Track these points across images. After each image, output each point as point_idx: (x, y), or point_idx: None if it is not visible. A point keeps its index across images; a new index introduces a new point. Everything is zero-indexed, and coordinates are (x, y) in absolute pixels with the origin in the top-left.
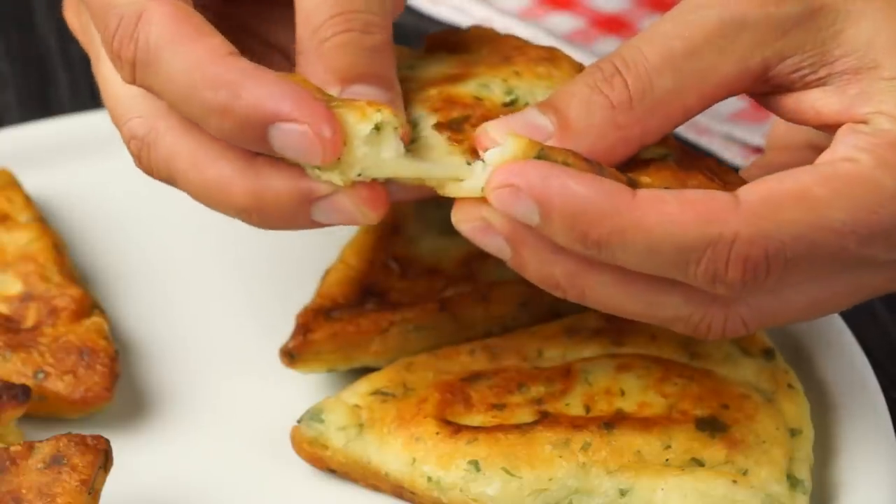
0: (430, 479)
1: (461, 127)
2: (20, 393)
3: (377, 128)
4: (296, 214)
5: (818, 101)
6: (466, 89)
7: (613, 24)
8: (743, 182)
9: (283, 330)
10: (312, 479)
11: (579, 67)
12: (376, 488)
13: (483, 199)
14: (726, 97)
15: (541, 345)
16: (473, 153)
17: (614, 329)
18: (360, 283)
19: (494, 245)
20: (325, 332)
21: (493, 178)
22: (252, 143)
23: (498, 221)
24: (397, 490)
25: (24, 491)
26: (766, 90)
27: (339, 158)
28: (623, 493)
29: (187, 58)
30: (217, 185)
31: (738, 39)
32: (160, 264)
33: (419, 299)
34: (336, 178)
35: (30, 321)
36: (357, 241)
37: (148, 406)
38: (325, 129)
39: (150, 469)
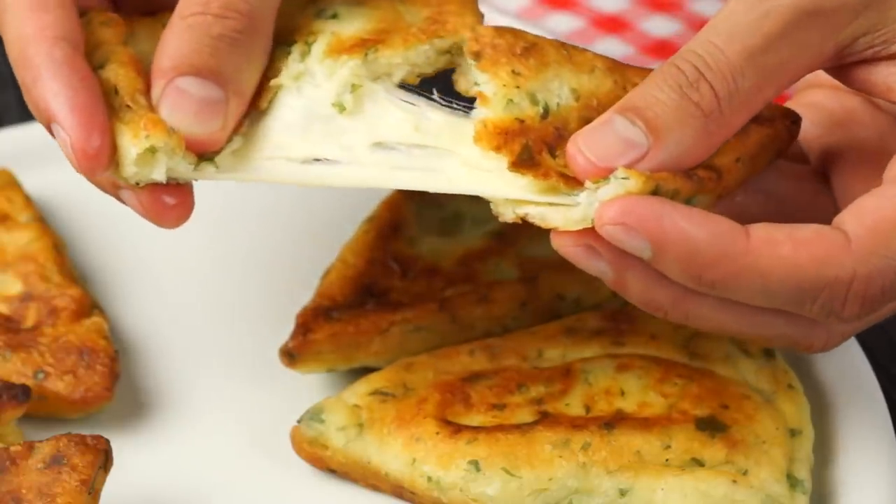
0: (430, 479)
1: (533, 160)
2: (20, 393)
3: (151, 150)
4: (112, 192)
5: (890, 77)
6: (502, 112)
7: (613, 24)
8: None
9: (283, 330)
10: (312, 479)
11: (557, 43)
12: (376, 488)
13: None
14: (797, 80)
15: (541, 345)
16: (565, 180)
17: (614, 329)
18: (360, 283)
19: (596, 268)
20: (325, 332)
21: (603, 214)
22: (47, 127)
23: (604, 248)
24: (397, 490)
25: (24, 491)
26: (836, 65)
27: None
28: (623, 493)
29: (18, 29)
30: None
31: (813, 29)
32: (160, 264)
33: (419, 299)
34: (119, 176)
35: (30, 321)
36: (357, 240)
37: (148, 406)
38: (90, 145)
39: (150, 469)
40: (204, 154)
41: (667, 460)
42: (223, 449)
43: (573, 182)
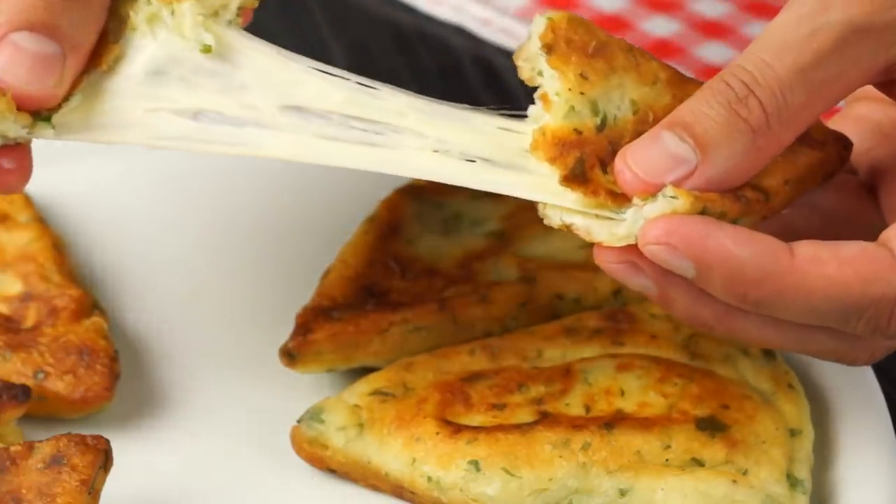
0: (430, 479)
1: (586, 176)
2: (20, 393)
3: None
4: None
5: None
6: (562, 120)
7: (614, 24)
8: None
9: (283, 330)
10: (312, 479)
11: (626, 46)
12: (376, 488)
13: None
14: (846, 96)
15: (541, 345)
16: (613, 198)
17: (614, 329)
18: (359, 283)
19: (640, 284)
20: (325, 332)
21: (647, 233)
22: None
23: (647, 266)
24: (397, 490)
25: (24, 491)
26: (884, 80)
27: None
28: (623, 493)
29: None
30: None
31: (864, 45)
32: (160, 264)
33: (419, 299)
34: None
35: (30, 321)
36: (357, 241)
37: (148, 406)
38: None
39: (150, 469)
40: (39, 113)
41: (667, 460)
42: (223, 449)
43: (621, 199)
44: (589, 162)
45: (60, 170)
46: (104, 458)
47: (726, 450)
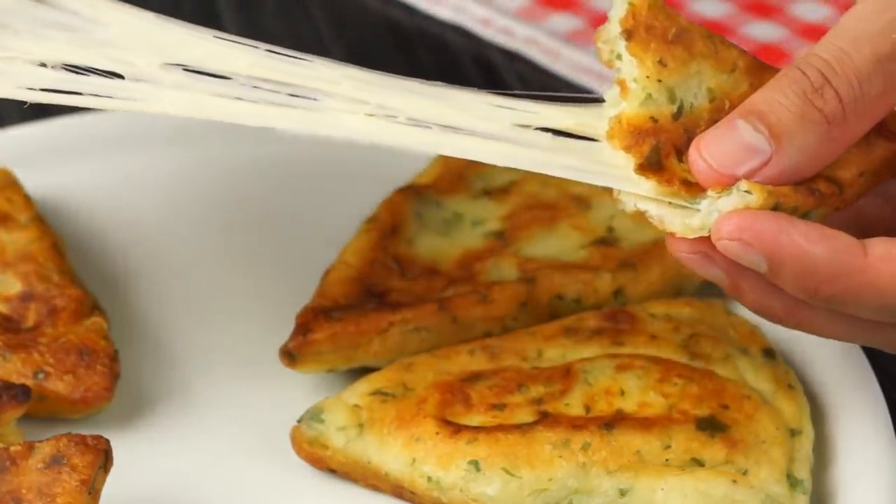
0: (430, 479)
1: (661, 165)
2: (20, 393)
3: None
4: None
5: None
6: (639, 108)
7: None
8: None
9: (283, 330)
10: (312, 479)
11: (706, 33)
12: (376, 488)
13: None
14: None
15: (541, 345)
16: (687, 187)
17: (614, 329)
18: (360, 283)
19: (712, 275)
20: (325, 332)
21: (721, 228)
22: None
23: (719, 258)
24: (397, 490)
25: (24, 491)
26: None
27: None
28: (623, 493)
29: None
30: None
31: None
32: (160, 264)
33: (419, 299)
34: None
35: (30, 321)
36: (357, 241)
37: (148, 406)
38: None
39: (150, 469)
40: None
41: (667, 460)
42: (223, 449)
43: (696, 190)
44: (664, 150)
45: (60, 170)
46: (104, 458)
47: (726, 450)
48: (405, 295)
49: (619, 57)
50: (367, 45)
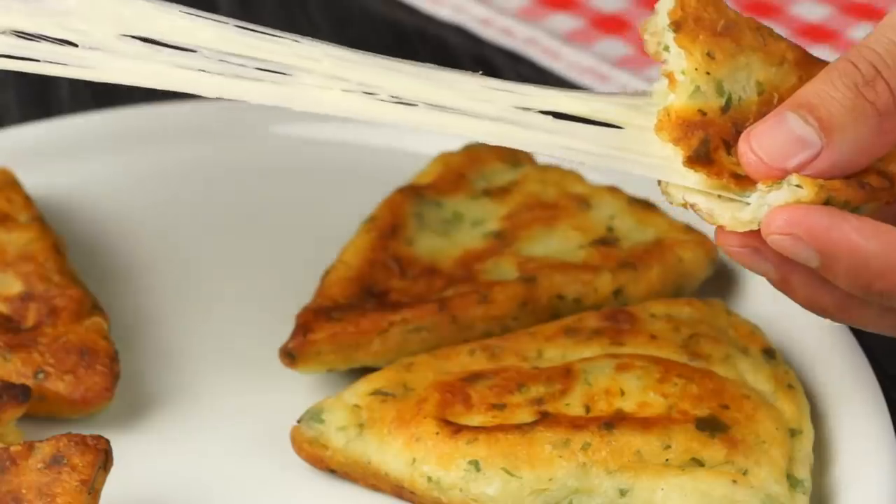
0: (430, 479)
1: (710, 158)
2: (20, 393)
3: None
4: None
5: None
6: (687, 100)
7: (613, 24)
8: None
9: (283, 330)
10: (312, 479)
11: (755, 25)
12: (376, 488)
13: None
14: None
15: (541, 345)
16: (736, 180)
17: (614, 329)
18: (360, 283)
19: (761, 269)
20: (325, 332)
21: (772, 222)
22: None
23: (770, 252)
24: (397, 490)
25: (24, 491)
26: None
27: None
28: (623, 493)
29: None
30: None
31: None
32: (160, 264)
33: (419, 299)
34: None
35: (30, 321)
36: (357, 241)
37: (148, 406)
38: None
39: (150, 469)
40: None
41: (667, 460)
42: (223, 449)
43: (745, 182)
44: (713, 143)
45: (60, 170)
46: (104, 458)
47: (726, 450)
48: (405, 295)
49: (666, 48)
50: (367, 44)
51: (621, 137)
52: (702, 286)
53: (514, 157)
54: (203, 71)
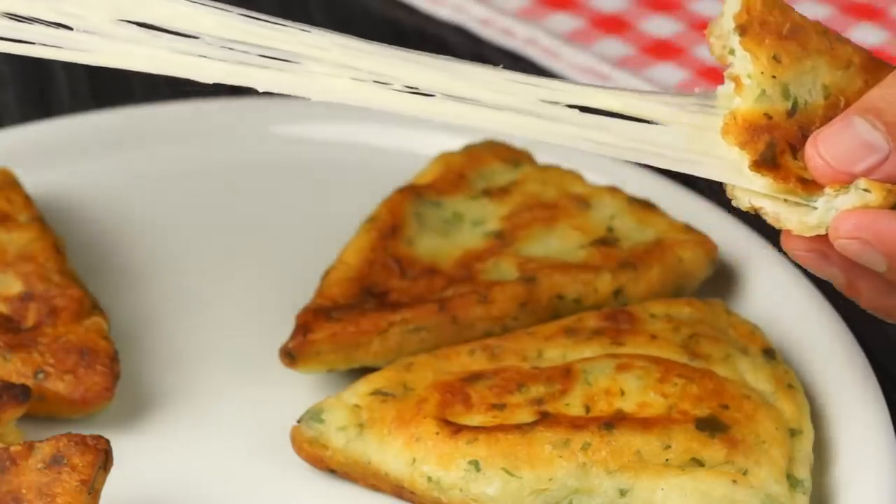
0: (430, 479)
1: (776, 162)
2: (20, 393)
3: None
4: None
5: None
6: (753, 104)
7: (613, 24)
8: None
9: (283, 330)
10: (312, 479)
11: (821, 29)
12: (376, 488)
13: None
14: None
15: (541, 345)
16: (803, 185)
17: (614, 329)
18: (360, 283)
19: (828, 274)
20: (325, 332)
21: (839, 226)
22: None
23: (837, 257)
24: (397, 490)
25: (24, 491)
26: None
27: None
28: (623, 493)
29: None
30: None
31: None
32: (160, 264)
33: (419, 299)
34: None
35: (30, 321)
36: (357, 241)
37: (148, 406)
38: None
39: (150, 469)
40: None
41: (667, 460)
42: (223, 449)
43: (812, 187)
44: (779, 147)
45: (60, 170)
46: (104, 458)
47: (726, 450)
48: (405, 295)
49: (731, 52)
50: None
51: (669, 136)
52: (702, 286)
53: (514, 158)
54: (204, 57)
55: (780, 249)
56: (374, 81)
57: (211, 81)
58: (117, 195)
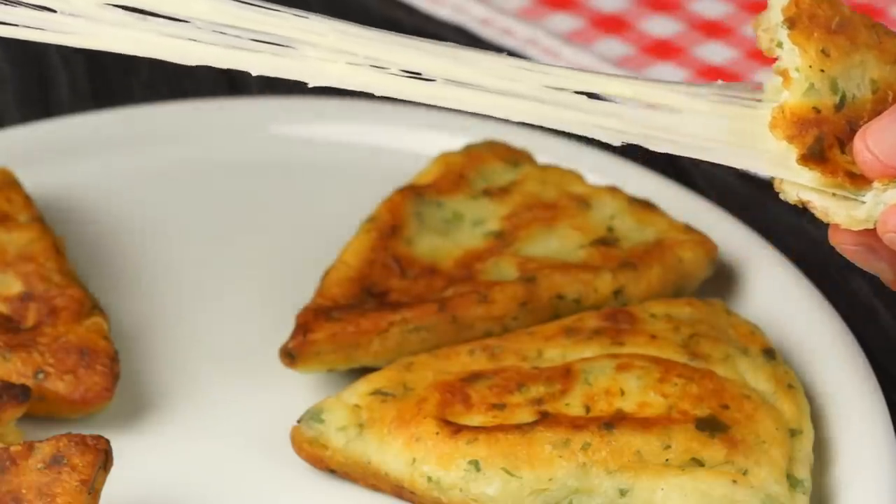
0: (430, 479)
1: (824, 156)
2: (20, 393)
3: None
4: None
5: None
6: (801, 98)
7: (613, 24)
8: None
9: (283, 330)
10: (312, 479)
11: (869, 23)
12: (376, 488)
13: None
14: None
15: (541, 345)
16: (851, 179)
17: (614, 329)
18: (360, 283)
19: (876, 268)
20: (325, 332)
21: (888, 220)
22: None
23: (885, 250)
24: (397, 490)
25: (24, 491)
26: None
27: None
28: (623, 493)
29: None
30: None
31: None
32: (160, 264)
33: (419, 299)
34: None
35: (30, 321)
36: (357, 241)
37: (148, 406)
38: None
39: (150, 469)
40: None
41: (667, 460)
42: (223, 449)
43: (860, 181)
44: (827, 141)
45: (60, 170)
46: (104, 458)
47: (726, 450)
48: (405, 295)
49: (779, 45)
50: None
51: (626, 113)
52: (702, 286)
53: (515, 158)
54: (194, 41)
55: (780, 249)
56: (372, 66)
57: (200, 64)
58: (117, 195)
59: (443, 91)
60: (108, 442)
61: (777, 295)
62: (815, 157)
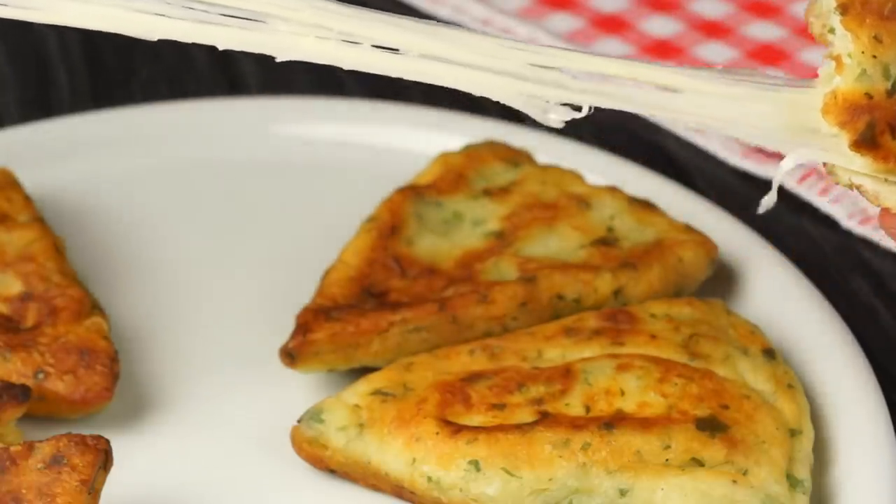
0: (430, 479)
1: (876, 142)
2: (20, 393)
3: None
4: None
5: None
6: (854, 83)
7: (613, 24)
8: None
9: (283, 330)
10: (312, 479)
11: None
12: (376, 488)
13: None
14: None
15: (541, 345)
16: None
17: (614, 329)
18: (360, 283)
19: None
20: (325, 332)
21: None
22: None
23: None
24: (397, 490)
25: (24, 491)
26: None
27: None
28: (623, 493)
29: None
30: None
31: None
32: (160, 264)
33: (419, 299)
34: None
35: (30, 321)
36: (357, 241)
37: (148, 406)
38: None
39: (150, 469)
40: None
41: (667, 460)
42: (223, 449)
43: None
44: (879, 127)
45: (60, 170)
46: (104, 458)
47: (726, 450)
48: (405, 295)
49: (832, 31)
50: None
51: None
52: (702, 286)
53: (514, 158)
54: (162, 16)
55: (780, 249)
56: (343, 41)
57: (166, 38)
58: (117, 195)
59: (416, 65)
60: (108, 442)
61: (777, 295)
62: (867, 142)
